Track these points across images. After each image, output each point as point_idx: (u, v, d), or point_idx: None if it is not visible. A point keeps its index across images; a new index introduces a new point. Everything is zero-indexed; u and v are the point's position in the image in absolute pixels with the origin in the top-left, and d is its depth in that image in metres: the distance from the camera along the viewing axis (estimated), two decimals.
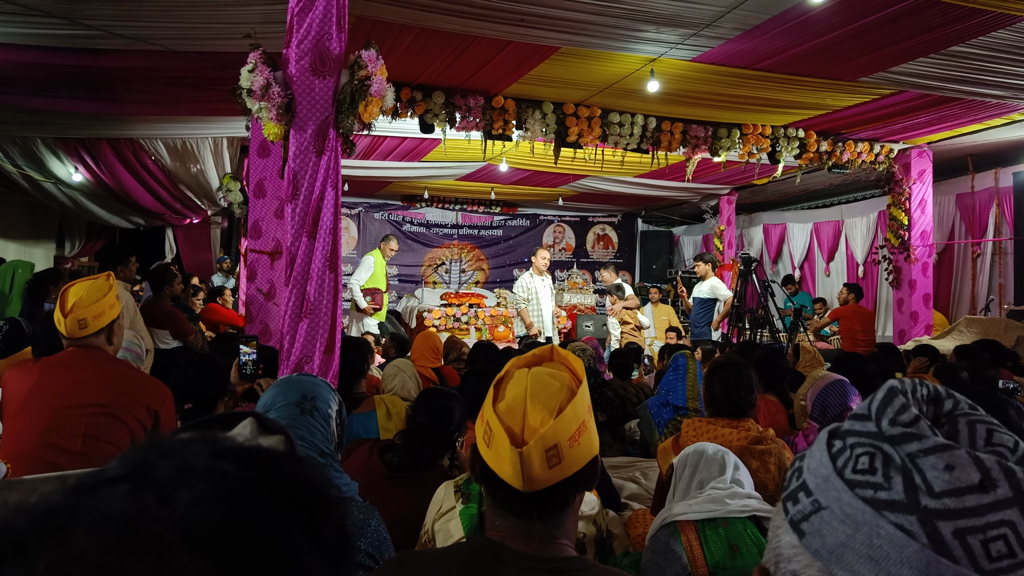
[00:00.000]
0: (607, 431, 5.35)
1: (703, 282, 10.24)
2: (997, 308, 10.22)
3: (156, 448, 0.60)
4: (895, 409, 0.76)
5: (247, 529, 0.55)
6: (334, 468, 2.34)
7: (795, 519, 0.78)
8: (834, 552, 0.73)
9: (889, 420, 0.75)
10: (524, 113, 7.72)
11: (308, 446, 2.24)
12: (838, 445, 0.79)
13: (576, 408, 1.41)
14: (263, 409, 2.30)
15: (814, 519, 0.76)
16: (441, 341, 7.13)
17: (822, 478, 0.77)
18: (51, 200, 10.74)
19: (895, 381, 0.79)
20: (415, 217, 16.04)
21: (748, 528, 2.37)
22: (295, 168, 3.95)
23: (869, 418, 0.78)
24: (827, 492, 0.76)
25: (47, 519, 0.52)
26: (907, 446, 0.73)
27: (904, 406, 0.76)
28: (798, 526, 0.77)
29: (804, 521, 0.77)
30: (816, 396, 4.08)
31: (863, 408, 0.79)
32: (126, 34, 5.73)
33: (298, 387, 2.35)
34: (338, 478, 2.33)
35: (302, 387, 2.35)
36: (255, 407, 2.68)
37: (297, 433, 2.20)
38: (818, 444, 0.82)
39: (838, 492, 0.75)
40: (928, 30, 5.72)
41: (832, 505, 0.75)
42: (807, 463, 0.81)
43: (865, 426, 0.77)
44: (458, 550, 1.55)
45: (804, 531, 0.77)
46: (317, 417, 2.29)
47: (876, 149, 9.35)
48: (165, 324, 6.57)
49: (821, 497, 0.76)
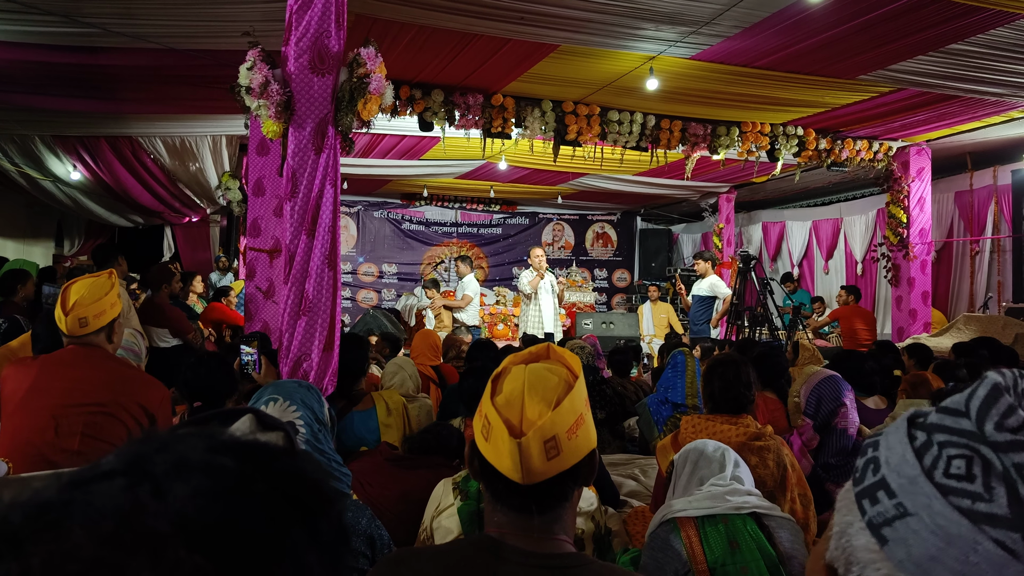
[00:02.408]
0: (606, 428, 5.36)
1: (702, 280, 10.24)
2: (995, 306, 10.23)
3: (152, 443, 0.59)
4: (1001, 411, 0.69)
5: (243, 523, 0.55)
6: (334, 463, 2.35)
7: (875, 522, 0.72)
8: (921, 566, 0.67)
9: (995, 424, 0.68)
10: (523, 111, 7.72)
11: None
12: (921, 438, 0.72)
13: (573, 401, 1.41)
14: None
15: (899, 525, 0.70)
16: (440, 339, 7.14)
17: (907, 478, 0.71)
18: (50, 199, 10.73)
19: (997, 375, 0.71)
20: (414, 215, 16.04)
21: (748, 525, 2.37)
22: (294, 166, 3.95)
23: (966, 416, 0.70)
24: (914, 496, 0.69)
25: (42, 514, 0.52)
26: (1014, 455, 0.66)
27: (1011, 408, 0.68)
28: (879, 531, 0.71)
29: (886, 526, 0.71)
30: (810, 392, 4.09)
31: (958, 403, 0.72)
32: (125, 32, 5.73)
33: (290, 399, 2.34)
34: (337, 469, 2.35)
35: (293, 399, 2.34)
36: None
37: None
38: (896, 435, 0.75)
39: (928, 498, 0.68)
40: (927, 27, 5.72)
41: (921, 512, 0.68)
42: (884, 455, 0.75)
43: (959, 424, 0.70)
44: (456, 547, 1.55)
45: (887, 537, 0.70)
46: (323, 431, 2.33)
47: (875, 147, 9.35)
48: (164, 322, 6.58)
49: (907, 501, 0.70)
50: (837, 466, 3.94)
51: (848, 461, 3.94)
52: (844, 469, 3.93)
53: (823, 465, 3.96)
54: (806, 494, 3.11)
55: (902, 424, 0.75)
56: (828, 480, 3.91)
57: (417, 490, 2.85)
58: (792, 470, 3.05)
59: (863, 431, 4.06)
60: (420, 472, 3.10)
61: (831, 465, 3.95)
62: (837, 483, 3.90)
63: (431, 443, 3.46)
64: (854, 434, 4.00)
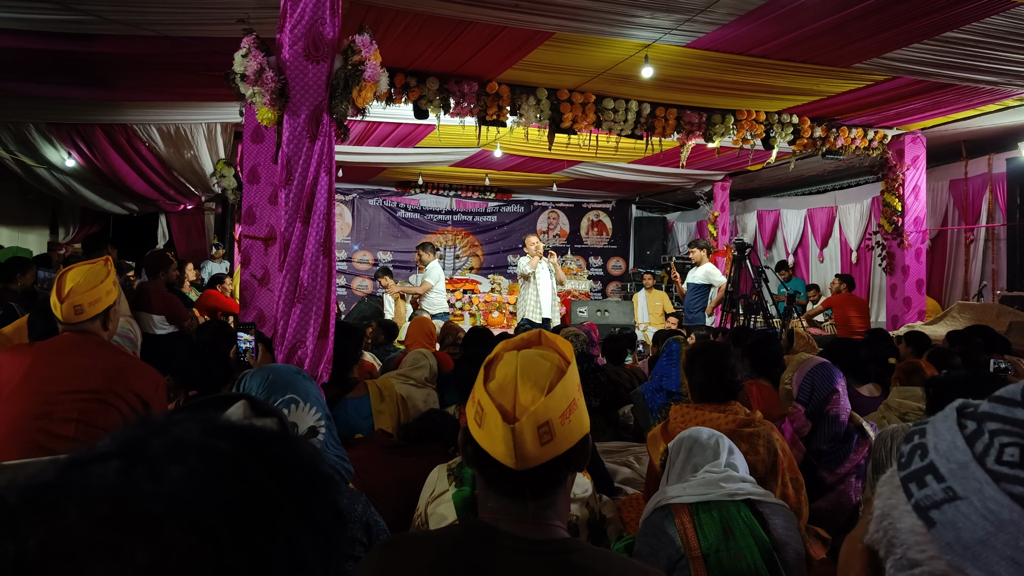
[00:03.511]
0: (600, 416, 5.36)
1: (697, 268, 10.25)
2: (990, 294, 10.25)
3: (147, 426, 0.60)
4: None
5: (238, 505, 0.55)
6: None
7: (923, 504, 0.72)
8: (970, 549, 0.67)
9: None
10: (518, 99, 7.71)
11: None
12: (971, 426, 0.72)
13: (566, 386, 1.42)
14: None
15: (947, 509, 0.69)
16: (436, 327, 7.14)
17: (957, 464, 0.70)
18: (44, 186, 10.69)
19: None
20: (409, 203, 16.01)
21: (742, 511, 2.38)
22: (289, 153, 3.95)
23: (1021, 406, 0.70)
24: (965, 481, 0.69)
25: (38, 495, 0.52)
26: None
27: None
28: (926, 513, 0.71)
29: (934, 509, 0.70)
30: (803, 379, 4.10)
31: (1013, 392, 0.71)
32: (119, 19, 5.71)
33: (284, 388, 2.34)
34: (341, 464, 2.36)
35: (287, 388, 2.34)
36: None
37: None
38: (944, 422, 0.75)
39: (980, 483, 0.68)
40: (922, 15, 5.71)
41: (972, 496, 0.68)
42: (932, 441, 0.74)
43: (1013, 413, 0.70)
44: (450, 532, 1.56)
45: (935, 520, 0.70)
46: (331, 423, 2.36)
47: (870, 135, 9.35)
48: (161, 309, 6.58)
49: (957, 485, 0.69)
50: (829, 452, 3.95)
51: (840, 447, 3.96)
52: (836, 455, 3.94)
53: (815, 452, 3.97)
54: (798, 478, 3.12)
55: (951, 413, 0.75)
56: (820, 467, 3.92)
57: (412, 477, 2.86)
58: (783, 455, 3.06)
59: (854, 417, 4.07)
60: (415, 459, 3.11)
61: (823, 452, 3.96)
62: (829, 470, 3.91)
63: (427, 430, 3.47)
64: (845, 420, 4.01)
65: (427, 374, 4.81)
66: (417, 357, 4.92)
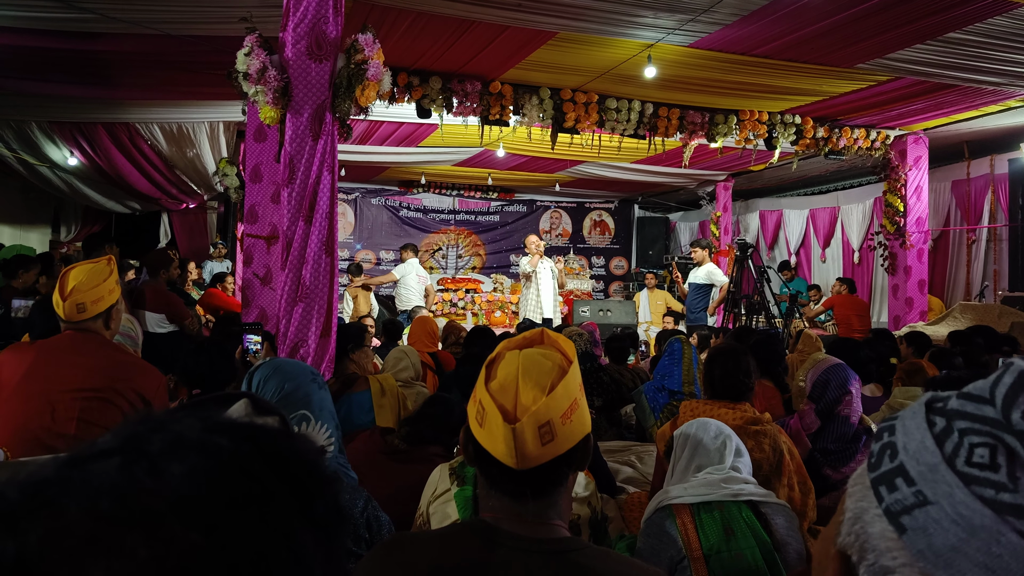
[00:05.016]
0: (603, 416, 5.36)
1: (699, 268, 10.25)
2: (992, 294, 10.25)
3: (148, 423, 0.60)
4: None
5: (239, 502, 0.55)
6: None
7: (893, 510, 0.69)
8: (942, 556, 0.65)
9: (1022, 412, 0.65)
10: (521, 98, 7.71)
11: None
12: (940, 424, 0.69)
13: (568, 386, 1.41)
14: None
15: (918, 514, 0.67)
16: (438, 326, 7.15)
17: (927, 466, 0.68)
18: (46, 184, 10.70)
19: (1023, 363, 0.68)
20: (412, 203, 16.02)
21: (743, 512, 2.38)
22: (291, 152, 3.95)
23: (989, 403, 0.67)
24: (935, 485, 0.67)
25: (39, 492, 0.52)
26: None
27: None
28: (897, 519, 0.68)
29: (905, 514, 0.68)
30: (817, 377, 4.10)
31: (980, 389, 0.69)
32: (122, 18, 5.71)
33: (297, 403, 2.32)
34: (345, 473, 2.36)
35: (300, 404, 2.32)
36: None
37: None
38: (913, 419, 0.72)
39: (950, 487, 0.66)
40: (925, 16, 5.71)
41: (942, 501, 0.66)
42: (902, 441, 0.72)
43: (982, 411, 0.67)
44: (452, 531, 1.56)
45: (905, 526, 0.67)
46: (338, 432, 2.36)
47: (872, 135, 9.35)
48: (158, 308, 6.57)
49: (927, 489, 0.67)
50: (836, 451, 3.96)
51: (847, 448, 3.97)
52: (842, 455, 3.96)
53: (822, 450, 3.97)
54: (806, 482, 3.12)
55: (919, 409, 0.72)
56: (826, 465, 3.93)
57: (411, 484, 2.82)
58: (790, 457, 3.06)
59: (864, 419, 4.08)
60: (416, 465, 3.06)
61: (830, 450, 3.97)
62: (834, 468, 3.92)
63: (431, 422, 3.34)
64: (856, 423, 4.02)
65: (411, 374, 4.79)
66: (398, 357, 4.87)
